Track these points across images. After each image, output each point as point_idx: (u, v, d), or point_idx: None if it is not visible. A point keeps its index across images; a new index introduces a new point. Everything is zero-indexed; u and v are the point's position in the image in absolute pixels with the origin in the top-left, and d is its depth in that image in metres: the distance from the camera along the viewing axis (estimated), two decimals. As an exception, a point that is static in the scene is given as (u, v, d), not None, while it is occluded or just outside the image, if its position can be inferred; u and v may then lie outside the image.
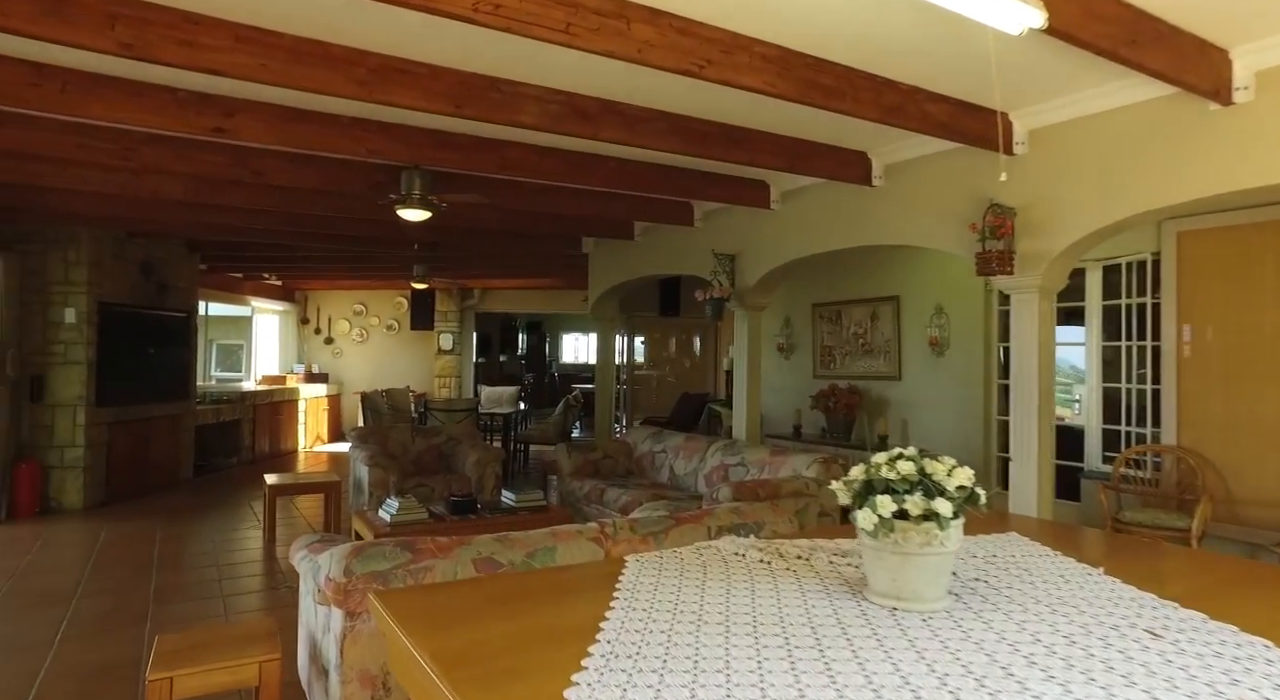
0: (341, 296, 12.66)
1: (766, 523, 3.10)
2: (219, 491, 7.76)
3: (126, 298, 7.12)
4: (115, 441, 6.94)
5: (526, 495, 4.89)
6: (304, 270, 10.34)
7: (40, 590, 4.48)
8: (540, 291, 13.10)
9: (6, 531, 5.92)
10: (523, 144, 4.52)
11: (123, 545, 5.52)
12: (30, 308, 6.52)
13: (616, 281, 7.96)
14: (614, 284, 8.00)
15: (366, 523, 4.43)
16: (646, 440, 6.57)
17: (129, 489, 7.10)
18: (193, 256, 8.27)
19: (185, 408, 8.03)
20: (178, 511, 6.71)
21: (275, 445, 10.15)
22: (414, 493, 5.85)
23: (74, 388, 6.58)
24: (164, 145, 4.32)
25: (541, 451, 10.19)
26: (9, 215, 6.13)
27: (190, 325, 8.17)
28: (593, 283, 8.44)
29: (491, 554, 2.47)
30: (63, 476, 6.56)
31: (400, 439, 6.53)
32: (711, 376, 12.71)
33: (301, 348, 12.59)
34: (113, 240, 6.94)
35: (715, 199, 5.52)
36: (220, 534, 5.90)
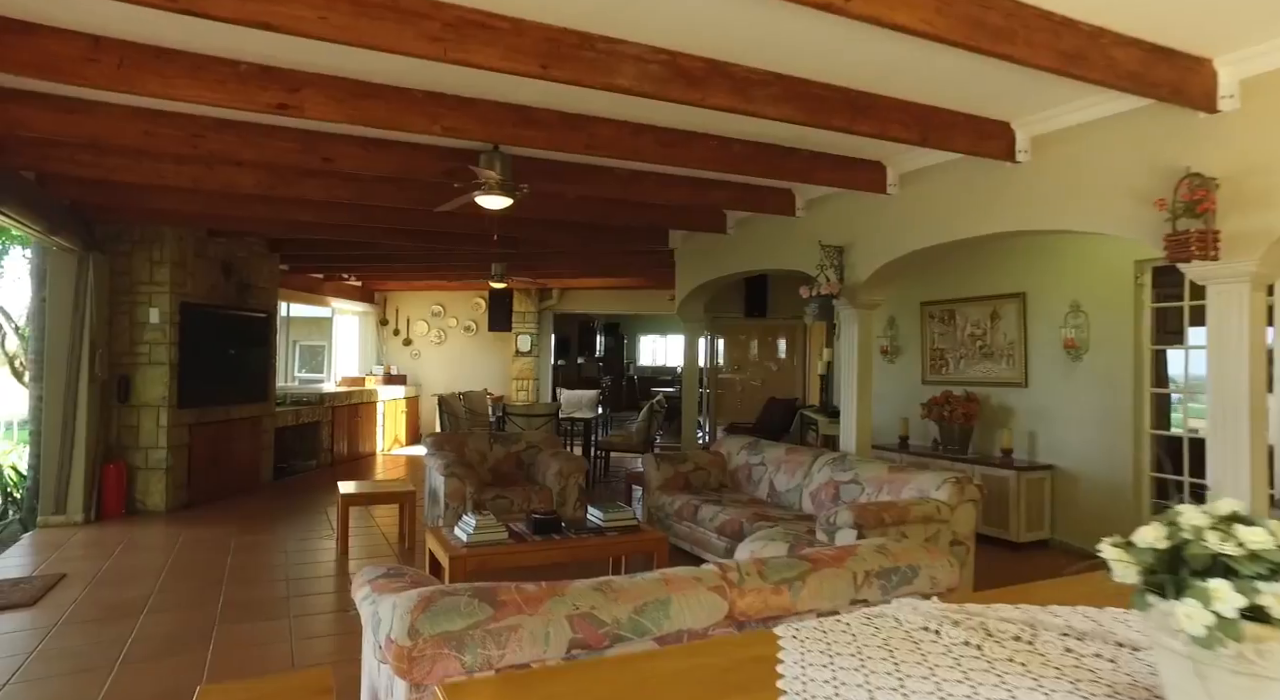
0: (420, 297, 12.55)
1: (922, 567, 2.50)
2: (296, 496, 7.59)
3: (208, 298, 7.02)
4: (196, 443, 6.83)
5: (615, 513, 4.39)
6: (382, 270, 10.20)
7: (111, 603, 4.25)
8: (620, 291, 12.67)
9: (93, 533, 5.82)
10: (613, 120, 4.04)
11: (197, 552, 5.32)
12: (119, 308, 6.46)
13: (705, 279, 7.41)
14: (703, 282, 7.46)
15: (441, 542, 4.02)
16: (741, 451, 5.99)
17: (210, 492, 6.99)
18: (273, 256, 8.17)
19: (265, 409, 7.92)
20: (254, 517, 6.53)
21: (354, 448, 10.03)
22: (491, 505, 5.46)
23: (157, 389, 6.49)
24: (231, 131, 4.04)
25: (621, 459, 9.73)
26: (99, 214, 6.06)
27: (270, 325, 8.06)
28: (680, 281, 7.91)
29: (591, 609, 1.96)
30: (147, 478, 6.48)
31: (478, 446, 6.16)
32: (800, 381, 12.01)
33: (380, 349, 12.54)
34: (195, 239, 6.84)
35: (825, 183, 4.90)
36: (294, 543, 5.65)
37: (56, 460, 5.99)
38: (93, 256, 6.12)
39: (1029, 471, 5.83)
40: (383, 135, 4.34)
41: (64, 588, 4.48)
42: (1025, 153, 4.07)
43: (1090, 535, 5.61)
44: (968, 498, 4.28)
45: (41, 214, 4.83)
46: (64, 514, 6.00)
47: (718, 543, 4.97)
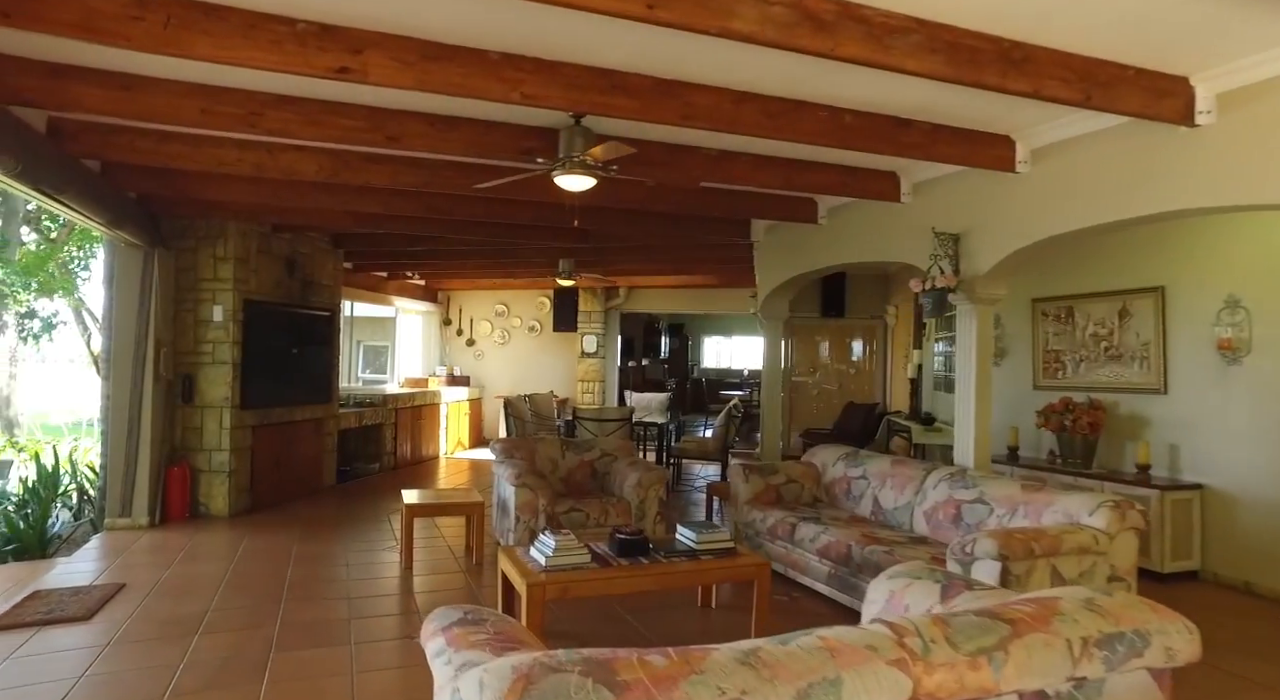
0: (483, 297, 12.28)
1: (1153, 632, 1.91)
2: (359, 502, 7.32)
3: (271, 295, 6.79)
4: (259, 446, 6.60)
5: (709, 534, 3.88)
6: (446, 267, 9.91)
7: (167, 619, 3.95)
8: (689, 291, 12.17)
9: (156, 538, 5.61)
10: (712, 87, 3.54)
11: (257, 562, 5.02)
12: (183, 306, 6.27)
13: (792, 274, 6.83)
14: (789, 277, 6.88)
15: (516, 564, 3.58)
16: (838, 463, 5.41)
17: (272, 496, 6.76)
18: (336, 252, 7.94)
19: (328, 411, 7.68)
20: (316, 524, 6.25)
21: (417, 451, 9.78)
22: (565, 519, 5.01)
23: (220, 389, 6.27)
24: (290, 107, 3.69)
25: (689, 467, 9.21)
26: (164, 207, 5.85)
27: (333, 324, 7.83)
28: (762, 277, 7.36)
29: (742, 694, 1.46)
30: (210, 481, 6.27)
31: (549, 453, 5.72)
32: (880, 385, 11.28)
33: (443, 349, 12.32)
34: (259, 235, 6.62)
35: (946, 159, 4.29)
36: (355, 555, 5.31)
37: (123, 461, 5.81)
38: (158, 252, 5.93)
39: (1173, 491, 5.08)
40: (452, 111, 3.94)
41: (122, 600, 4.22)
42: (1208, 113, 3.40)
43: (1253, 567, 4.84)
44: (1129, 525, 3.63)
45: (104, 206, 4.61)
46: (130, 516, 5.82)
47: (819, 566, 4.41)
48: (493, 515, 5.48)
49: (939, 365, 8.26)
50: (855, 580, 4.10)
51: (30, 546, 5.67)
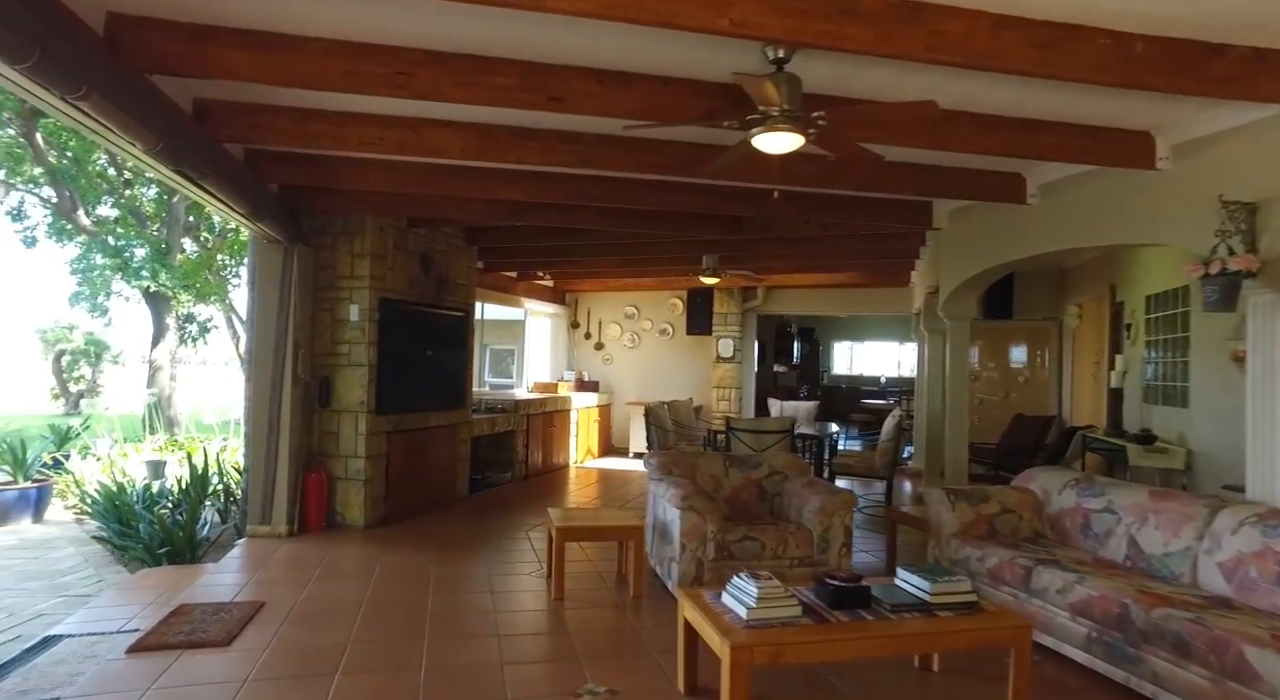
0: (612, 298, 11.78)
1: None
2: (494, 515, 6.87)
3: (406, 294, 6.45)
4: (394, 453, 6.25)
5: (944, 583, 3.03)
6: (577, 266, 9.43)
7: (305, 651, 3.52)
8: (832, 291, 11.21)
9: (294, 550, 5.32)
10: (967, 9, 2.72)
11: (395, 585, 4.58)
12: (320, 305, 6.01)
13: (985, 266, 5.83)
14: (981, 270, 5.89)
15: (709, 616, 2.87)
16: (1067, 490, 4.40)
17: (407, 506, 6.40)
18: (470, 250, 7.57)
19: (462, 417, 7.31)
20: (453, 541, 5.81)
21: (548, 459, 9.33)
22: (738, 549, 4.28)
23: (356, 392, 5.96)
24: (441, 64, 3.18)
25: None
26: (303, 200, 5.58)
27: (467, 325, 7.46)
28: (946, 271, 6.37)
29: None
30: (346, 489, 5.96)
31: (711, 470, 5.01)
32: (1055, 394, 9.89)
33: (571, 353, 11.91)
34: (395, 231, 6.30)
35: (1271, 98, 3.24)
36: (498, 580, 4.78)
37: (263, 466, 5.58)
38: (297, 249, 5.68)
39: None
40: (624, 65, 3.31)
41: (261, 622, 3.84)
42: None
43: None
44: None
45: (246, 195, 4.31)
46: (269, 524, 5.57)
47: (1072, 626, 3.47)
48: (649, 541, 4.81)
49: (1151, 373, 6.97)
50: (1136, 652, 3.14)
51: (181, 550, 5.52)
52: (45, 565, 5.93)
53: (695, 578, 4.27)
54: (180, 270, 11.57)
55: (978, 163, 4.94)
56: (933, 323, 8.09)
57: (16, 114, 10.45)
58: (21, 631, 4.46)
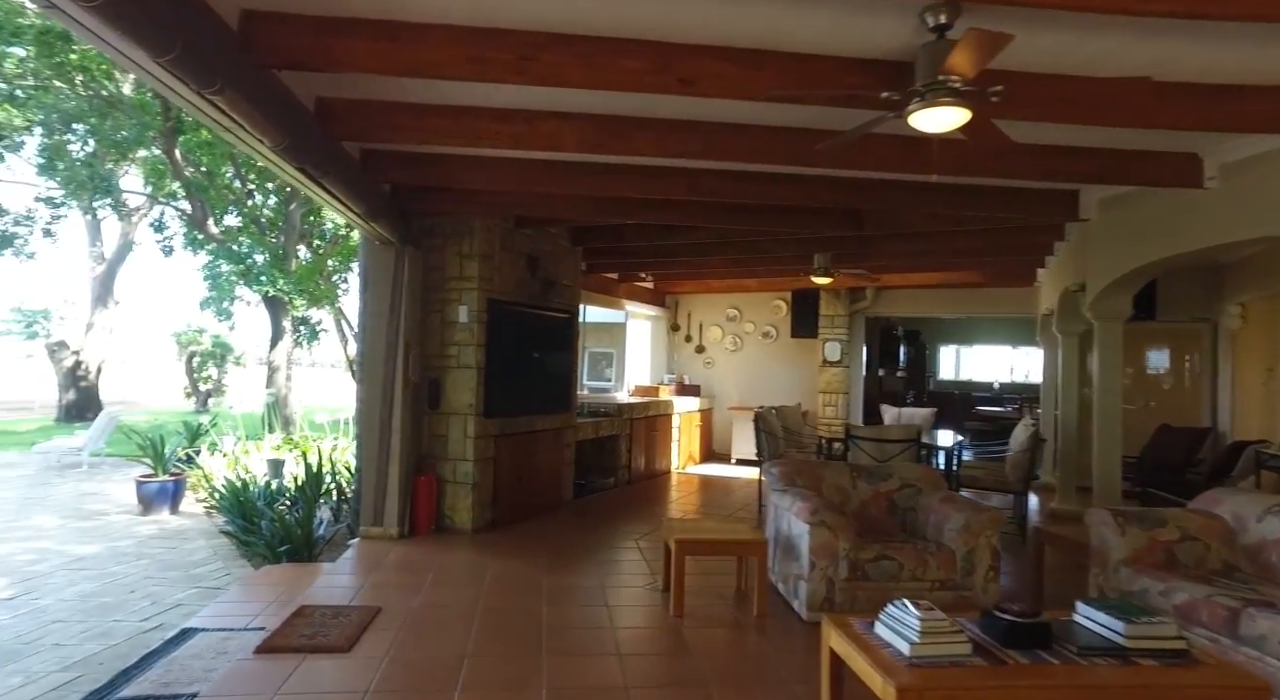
0: (714, 300, 11.49)
1: None
2: (600, 521, 6.72)
3: (514, 295, 6.38)
4: (501, 457, 6.19)
5: (1143, 624, 2.60)
6: (680, 266, 9.20)
7: (423, 663, 3.42)
8: (945, 291, 10.56)
9: (405, 553, 5.30)
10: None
11: (508, 594, 4.45)
12: (430, 307, 6.01)
13: (1145, 261, 5.24)
14: (1139, 265, 5.30)
15: (864, 649, 2.55)
16: (1270, 517, 3.80)
17: (514, 511, 6.32)
18: (575, 250, 7.46)
19: (567, 421, 7.19)
20: (562, 548, 5.67)
21: (650, 465, 9.13)
22: (873, 569, 3.93)
23: (465, 394, 5.92)
24: (566, 47, 3.00)
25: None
26: (415, 201, 5.58)
27: (573, 327, 7.35)
28: (1095, 267, 5.77)
29: None
30: (455, 493, 5.93)
31: (837, 481, 4.66)
32: (1207, 405, 8.92)
33: (671, 356, 11.69)
34: (502, 231, 6.24)
35: None
36: (613, 591, 4.59)
37: (375, 468, 5.60)
38: (409, 251, 5.69)
39: None
40: (760, 42, 3.04)
41: (378, 628, 3.77)
42: None
43: None
44: None
45: (363, 195, 4.31)
46: (381, 526, 5.59)
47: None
48: (770, 554, 4.50)
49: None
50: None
51: (299, 548, 5.62)
52: (181, 556, 6.18)
53: (825, 598, 3.95)
54: (295, 275, 12.07)
55: (1142, 142, 4.39)
56: (1068, 324, 7.42)
57: (160, 133, 11.15)
58: (163, 620, 4.63)
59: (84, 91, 11.30)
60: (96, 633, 4.43)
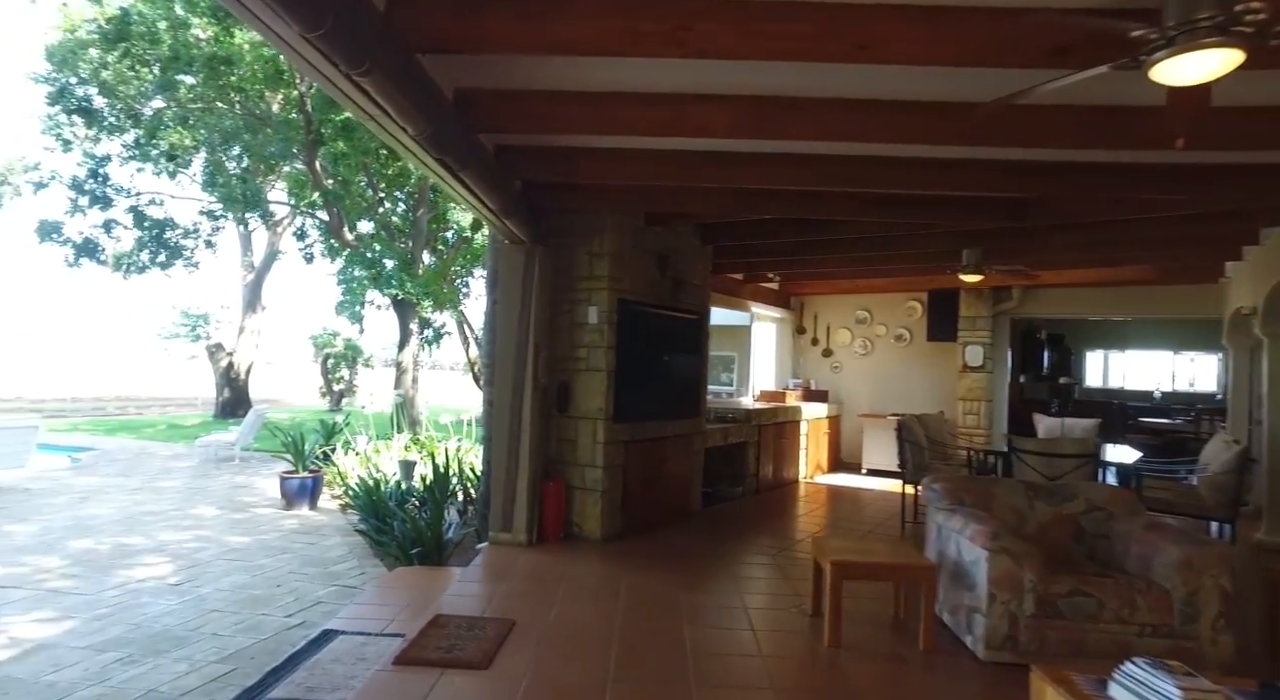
0: (842, 302, 10.90)
1: None
2: (733, 533, 6.38)
3: (643, 295, 6.15)
4: (630, 463, 5.96)
5: None
6: (811, 266, 8.73)
7: (563, 687, 3.21)
8: (1107, 290, 9.52)
9: (535, 561, 5.15)
10: None
11: (646, 611, 4.19)
12: (559, 307, 5.87)
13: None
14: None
15: (1101, 716, 2.10)
16: None
17: (643, 520, 6.08)
18: (704, 249, 7.16)
19: (696, 427, 6.89)
20: (697, 561, 5.37)
21: (778, 473, 8.70)
22: (1066, 606, 3.39)
23: (595, 399, 5.73)
24: (726, 15, 2.68)
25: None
26: (544, 198, 5.44)
27: (702, 329, 7.05)
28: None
29: None
30: (583, 500, 5.75)
31: (1010, 501, 4.11)
32: None
33: (796, 360, 11.18)
34: (633, 229, 6.02)
35: None
36: (758, 613, 4.23)
37: (504, 472, 5.50)
38: (539, 250, 5.56)
39: None
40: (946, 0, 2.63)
41: (515, 644, 3.59)
42: None
43: None
44: None
45: (498, 190, 4.18)
46: (510, 532, 5.48)
47: None
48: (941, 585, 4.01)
49: None
50: None
51: (430, 551, 5.60)
52: (320, 552, 6.34)
53: (1007, 636, 3.44)
54: (422, 279, 12.43)
55: None
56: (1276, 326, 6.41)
57: (303, 146, 11.78)
58: (305, 617, 4.70)
59: (240, 111, 12.09)
60: (248, 626, 4.53)
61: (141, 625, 4.53)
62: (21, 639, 4.31)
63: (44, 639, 4.31)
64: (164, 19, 11.23)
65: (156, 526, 7.16)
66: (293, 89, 11.81)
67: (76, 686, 3.69)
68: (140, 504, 8.27)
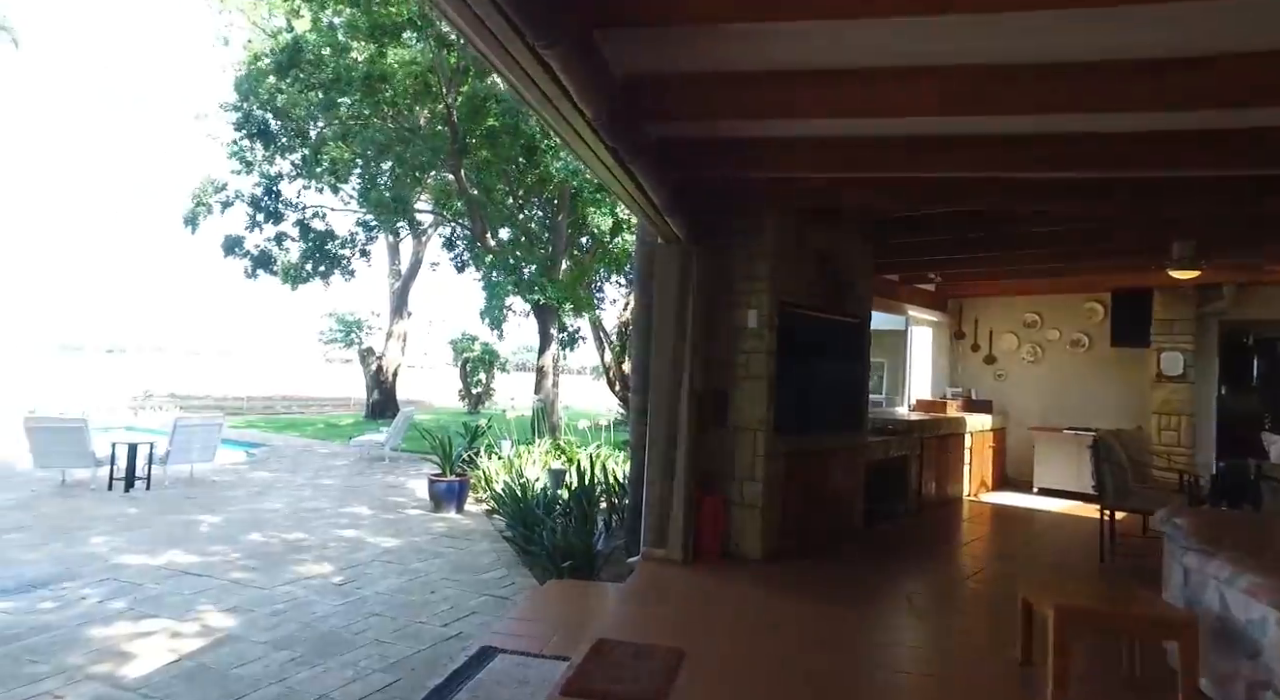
0: (1007, 304, 9.94)
1: None
2: (903, 557, 5.82)
3: (803, 298, 5.72)
4: (791, 479, 5.54)
5: None
6: (977, 264, 7.95)
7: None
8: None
9: (695, 581, 4.85)
10: None
11: (830, 651, 3.77)
12: (715, 312, 5.53)
13: None
14: None
15: None
16: None
17: (804, 540, 5.64)
18: (866, 248, 6.62)
19: (858, 440, 6.36)
20: (871, 592, 4.88)
21: (940, 490, 7.97)
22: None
23: (755, 408, 5.36)
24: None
25: None
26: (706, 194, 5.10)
27: (864, 335, 6.51)
28: None
29: None
30: (741, 517, 5.38)
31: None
32: None
33: (954, 368, 10.31)
34: (794, 227, 5.61)
35: None
36: (957, 660, 3.71)
37: (659, 485, 5.23)
38: (696, 251, 5.26)
39: None
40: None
41: (688, 680, 3.28)
42: None
43: None
44: None
45: (661, 184, 3.91)
46: (664, 548, 5.20)
47: None
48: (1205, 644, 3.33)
49: None
50: None
51: (582, 564, 5.41)
52: (469, 558, 6.33)
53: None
54: (561, 284, 12.51)
55: None
56: None
57: (448, 155, 12.17)
58: (461, 628, 4.62)
59: (392, 125, 12.66)
60: (408, 633, 4.49)
61: (311, 624, 4.60)
62: (213, 628, 4.49)
63: (230, 630, 4.45)
64: (328, 45, 11.93)
65: (319, 523, 7.45)
66: (439, 102, 12.24)
67: (259, 683, 3.74)
68: (305, 500, 8.69)
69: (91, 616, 4.64)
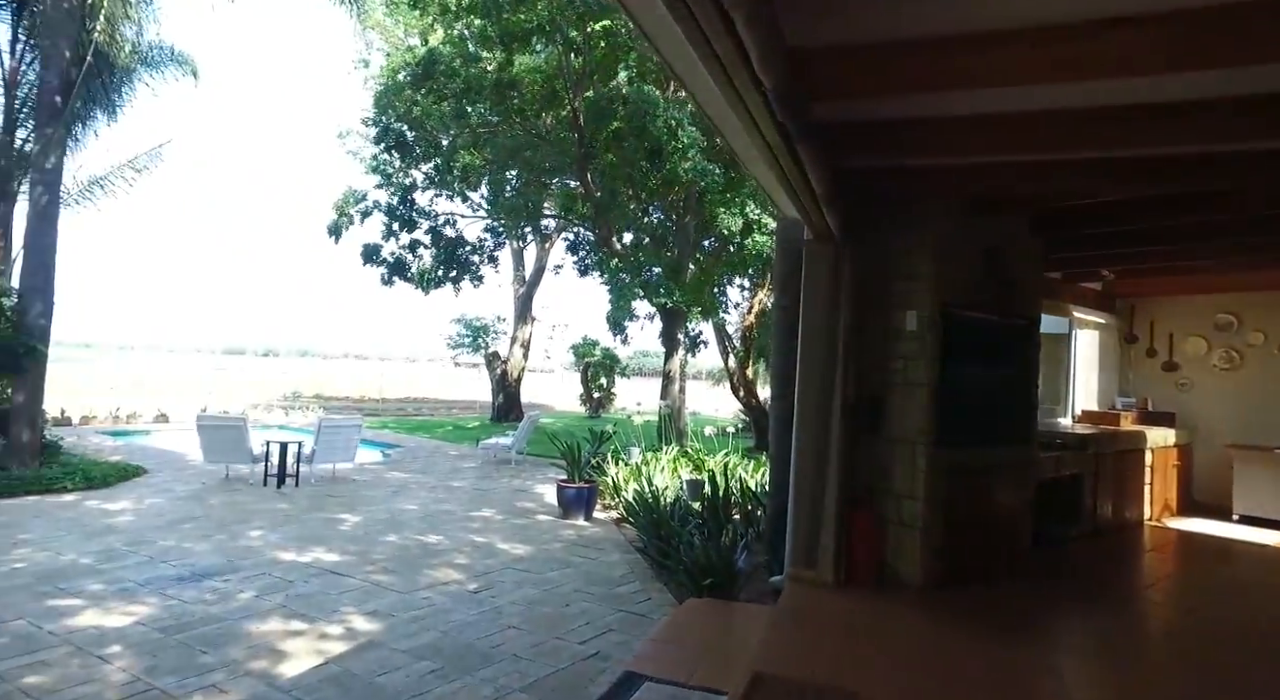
0: (1193, 303, 8.77)
1: None
2: (1086, 587, 5.13)
3: (966, 298, 5.14)
4: (955, 496, 4.98)
5: None
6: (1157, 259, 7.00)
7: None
8: None
9: (852, 608, 4.42)
10: None
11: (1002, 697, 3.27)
12: (868, 311, 5.06)
13: None
14: None
15: None
16: None
17: (968, 563, 5.05)
18: (1034, 242, 5.92)
19: (1026, 454, 5.68)
20: (1051, 627, 4.30)
21: (1118, 512, 7.06)
22: None
23: (914, 418, 4.85)
24: None
25: None
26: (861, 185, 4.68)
27: (1033, 338, 5.82)
28: None
29: None
30: (899, 536, 4.89)
31: None
32: None
33: (1125, 375, 9.22)
34: (957, 219, 5.06)
35: None
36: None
37: (808, 501, 4.84)
38: (849, 248, 4.83)
39: None
40: None
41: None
42: None
43: None
44: None
45: (825, 170, 3.53)
46: (813, 569, 4.79)
47: None
48: None
49: None
50: None
51: (723, 582, 5.10)
52: (602, 569, 6.15)
53: None
54: (688, 287, 12.25)
55: None
56: None
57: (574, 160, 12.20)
58: (599, 646, 4.43)
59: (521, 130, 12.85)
60: (545, 650, 4.33)
61: (449, 633, 4.53)
62: (357, 632, 4.51)
63: (373, 636, 4.45)
64: (459, 55, 12.26)
65: (451, 526, 7.52)
66: (564, 107, 12.30)
67: (400, 695, 3.67)
68: (438, 501, 8.85)
69: (249, 611, 4.78)
